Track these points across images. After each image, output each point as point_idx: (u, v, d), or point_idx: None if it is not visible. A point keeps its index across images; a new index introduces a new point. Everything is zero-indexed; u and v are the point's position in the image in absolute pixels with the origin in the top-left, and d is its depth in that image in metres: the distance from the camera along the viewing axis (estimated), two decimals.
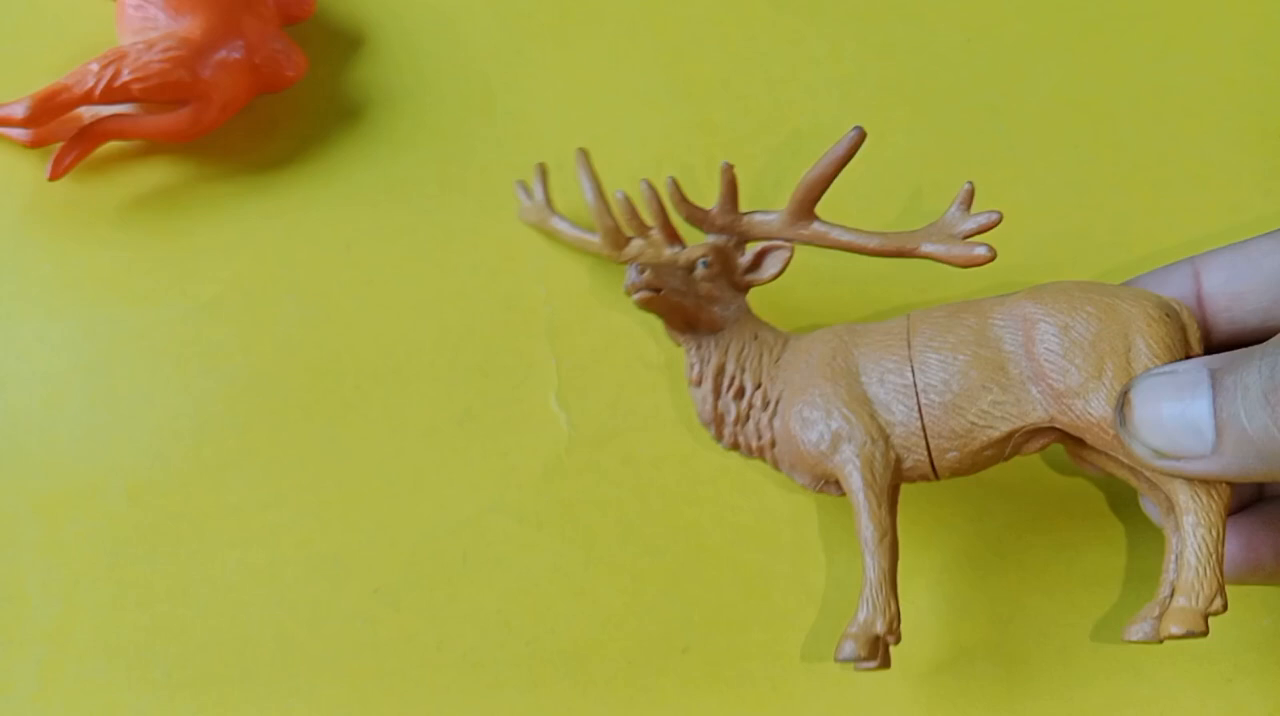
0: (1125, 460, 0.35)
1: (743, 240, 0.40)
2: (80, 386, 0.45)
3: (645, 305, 0.37)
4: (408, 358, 0.46)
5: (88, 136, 0.47)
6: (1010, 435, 0.35)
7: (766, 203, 0.46)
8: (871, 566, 0.35)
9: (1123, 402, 0.33)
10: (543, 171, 0.46)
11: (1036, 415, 0.35)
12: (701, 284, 0.38)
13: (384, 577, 0.42)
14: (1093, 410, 0.34)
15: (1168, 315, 0.35)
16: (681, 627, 0.42)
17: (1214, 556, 0.33)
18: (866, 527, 0.35)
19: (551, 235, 0.45)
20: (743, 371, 0.38)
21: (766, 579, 0.42)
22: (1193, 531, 0.33)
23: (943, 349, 0.36)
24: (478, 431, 0.44)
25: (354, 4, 0.53)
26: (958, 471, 0.36)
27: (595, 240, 0.42)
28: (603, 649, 0.42)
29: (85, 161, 0.48)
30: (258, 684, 0.41)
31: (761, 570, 0.42)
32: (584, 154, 0.42)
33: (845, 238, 0.38)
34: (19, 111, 0.45)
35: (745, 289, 0.40)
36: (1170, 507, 0.36)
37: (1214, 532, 0.33)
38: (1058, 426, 0.35)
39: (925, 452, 0.36)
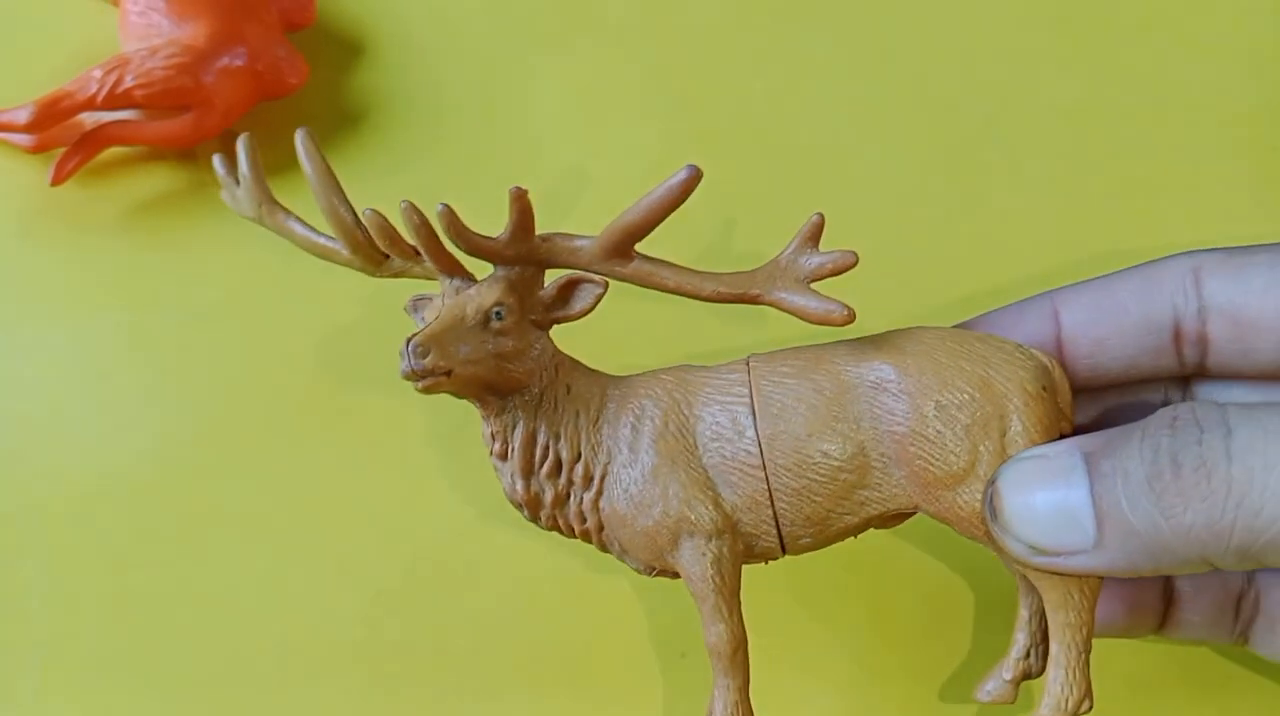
0: (996, 555, 0.32)
1: (542, 269, 0.33)
2: (82, 391, 0.45)
3: (431, 391, 0.31)
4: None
5: (90, 142, 0.47)
6: (870, 520, 0.33)
7: (771, 216, 0.45)
8: (725, 686, 0.32)
9: (990, 493, 0.30)
10: (249, 144, 0.35)
11: (901, 502, 0.32)
12: (498, 340, 0.31)
13: (385, 582, 0.43)
14: (963, 502, 0.31)
15: (1044, 388, 0.31)
16: (680, 633, 0.42)
17: (1084, 655, 0.31)
18: (720, 640, 0.32)
19: (280, 235, 0.35)
20: (557, 440, 0.32)
21: (762, 583, 0.43)
22: (1063, 630, 0.31)
23: (795, 422, 0.32)
24: (477, 437, 0.45)
25: (355, 11, 0.53)
26: (807, 551, 0.33)
27: (342, 252, 0.34)
28: (602, 653, 0.42)
29: (87, 166, 0.48)
30: (260, 688, 0.41)
31: (756, 572, 0.43)
32: (306, 133, 0.33)
33: (674, 280, 0.32)
34: (22, 117, 0.46)
35: (548, 327, 0.33)
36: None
37: (1085, 631, 0.31)
38: (923, 512, 0.32)
39: (776, 538, 0.33)
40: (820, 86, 0.52)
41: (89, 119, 0.48)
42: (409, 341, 0.30)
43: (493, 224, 0.49)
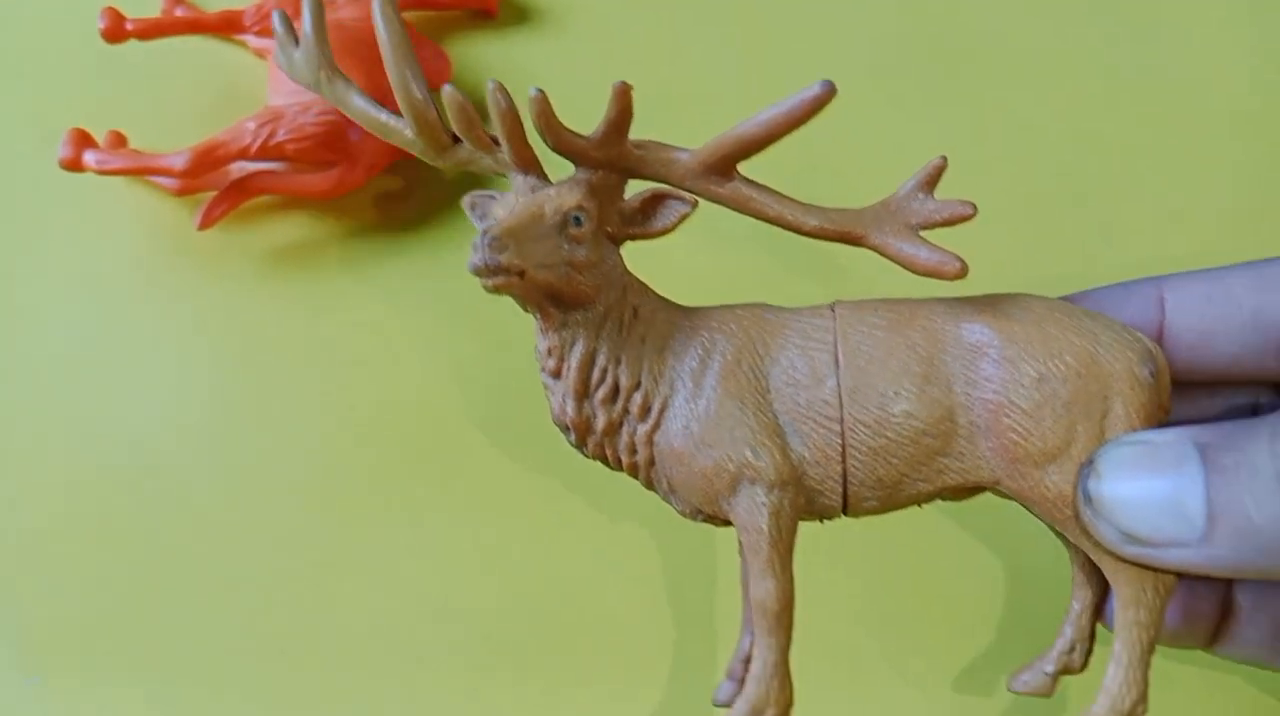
0: (1073, 540, 0.30)
1: (626, 178, 0.30)
2: (213, 434, 0.47)
3: (499, 291, 0.28)
4: (526, 419, 0.47)
5: (239, 190, 0.49)
6: (943, 489, 0.30)
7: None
8: (766, 646, 0.30)
9: (1088, 475, 0.28)
10: (314, 3, 0.31)
11: (981, 474, 0.30)
12: (573, 248, 0.29)
13: (497, 628, 0.44)
14: (1050, 482, 0.29)
15: (1152, 375, 0.29)
16: None
17: (1147, 656, 0.29)
18: (769, 596, 0.30)
19: (344, 110, 0.32)
20: (617, 364, 0.30)
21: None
22: (1130, 628, 0.29)
23: (881, 377, 0.29)
24: (587, 489, 0.46)
25: (487, 74, 0.55)
26: (869, 514, 0.31)
27: (404, 132, 0.31)
28: None
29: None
30: None
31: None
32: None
33: (774, 208, 0.29)
34: (179, 163, 0.47)
35: (621, 241, 0.31)
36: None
37: (1151, 631, 0.29)
38: (1002, 488, 0.30)
39: (840, 497, 0.30)
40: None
41: (236, 168, 0.50)
42: (485, 233, 0.28)
43: None
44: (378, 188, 0.51)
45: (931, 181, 0.30)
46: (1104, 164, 0.53)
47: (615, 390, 0.30)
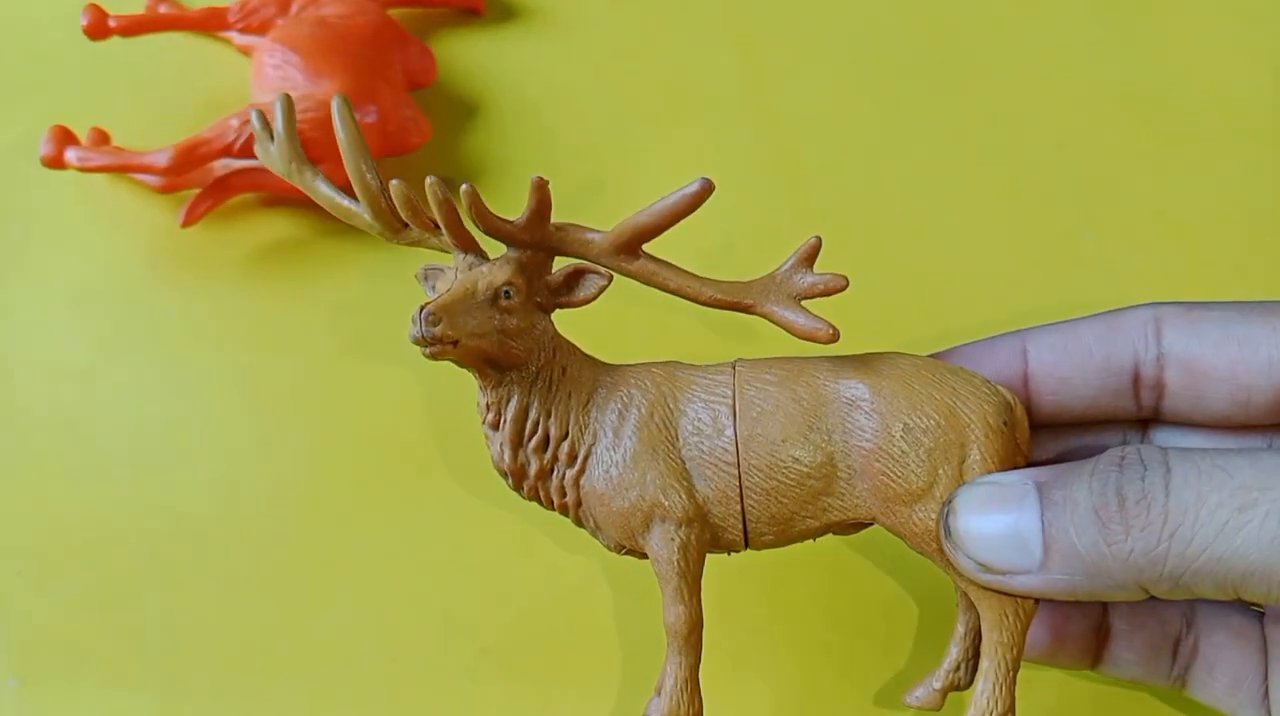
0: (943, 570, 0.34)
1: (552, 255, 0.35)
2: (201, 432, 0.46)
3: (437, 358, 0.32)
4: None
5: (222, 188, 0.49)
6: (830, 525, 0.35)
7: (867, 301, 0.47)
8: (677, 663, 0.34)
9: (947, 512, 0.32)
10: (286, 103, 0.36)
11: (860, 512, 0.34)
12: (504, 317, 0.33)
13: (491, 638, 0.43)
14: (917, 519, 0.33)
15: (1005, 424, 0.33)
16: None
17: (1011, 673, 0.33)
18: (677, 619, 0.34)
19: (307, 192, 0.36)
20: (548, 417, 0.34)
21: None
22: (996, 648, 0.33)
23: (771, 427, 0.33)
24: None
25: (472, 74, 0.55)
26: (769, 547, 0.35)
27: (363, 215, 0.35)
28: None
29: (213, 211, 0.49)
30: None
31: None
32: (342, 100, 0.34)
33: (675, 282, 0.34)
34: (162, 160, 0.47)
35: (551, 310, 0.35)
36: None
37: (1015, 651, 0.33)
38: (879, 524, 0.34)
39: (741, 533, 0.34)
40: (920, 168, 0.54)
41: (219, 165, 0.49)
42: (422, 309, 0.32)
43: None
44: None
45: (809, 258, 0.34)
46: (1097, 173, 0.53)
47: (546, 440, 0.34)
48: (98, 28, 0.49)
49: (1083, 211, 0.52)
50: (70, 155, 0.47)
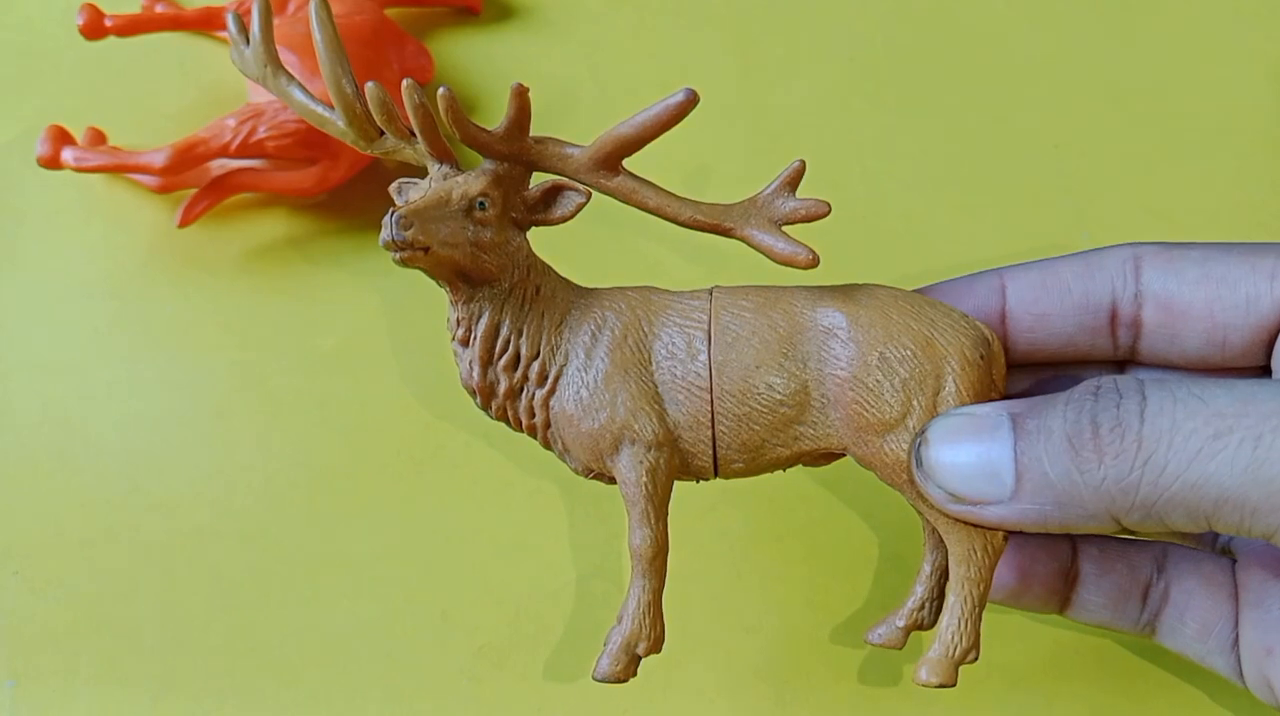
0: (911, 502, 0.34)
1: (529, 169, 0.34)
2: (195, 429, 0.46)
3: (407, 264, 0.32)
4: None
5: (219, 187, 0.48)
6: (800, 455, 0.34)
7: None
8: (640, 587, 0.33)
9: (919, 442, 0.32)
10: (263, 6, 0.35)
11: (831, 441, 0.34)
12: (478, 229, 0.32)
13: (488, 637, 0.43)
14: (889, 450, 0.33)
15: (982, 357, 0.33)
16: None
17: (977, 610, 0.33)
18: (643, 542, 0.33)
19: (285, 102, 0.35)
20: (519, 336, 0.33)
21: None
22: (962, 583, 0.33)
23: (746, 353, 0.33)
24: (579, 497, 0.46)
25: (470, 73, 0.55)
26: (738, 476, 0.35)
27: (336, 123, 0.34)
28: None
29: (210, 211, 0.49)
30: None
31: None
32: (320, 2, 0.33)
33: (654, 200, 0.33)
34: (158, 160, 0.47)
35: (527, 227, 0.34)
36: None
37: (982, 587, 0.33)
38: (850, 454, 0.34)
39: (711, 459, 0.34)
40: (899, 147, 0.54)
41: (216, 165, 0.49)
42: (393, 212, 0.31)
43: (602, 283, 0.51)
44: (358, 185, 0.51)
45: (793, 182, 0.33)
46: (1093, 172, 0.53)
47: (516, 359, 0.34)
48: (94, 27, 0.49)
49: (1079, 211, 0.52)
50: (67, 155, 0.47)
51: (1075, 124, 0.54)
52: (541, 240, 0.35)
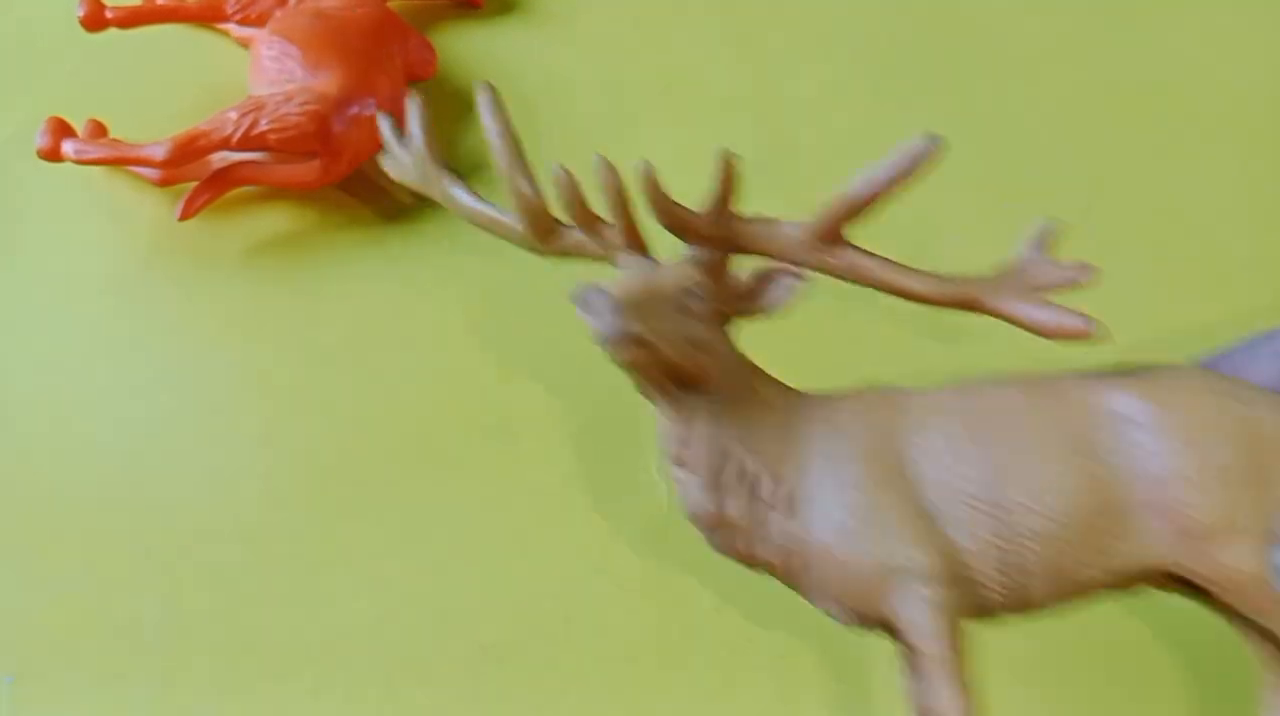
0: (1273, 627, 0.29)
1: (733, 253, 0.29)
2: (198, 425, 0.46)
3: (629, 362, 0.27)
4: (516, 416, 0.47)
5: (220, 180, 0.48)
6: (1114, 577, 0.29)
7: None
8: None
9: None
10: (419, 107, 0.31)
11: (1151, 555, 0.28)
12: (691, 324, 0.28)
13: (491, 635, 0.43)
14: (1233, 561, 0.27)
15: None
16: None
17: None
18: (951, 707, 0.28)
19: (443, 204, 0.33)
20: (751, 454, 0.28)
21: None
22: None
23: (1029, 453, 0.28)
24: (580, 493, 0.46)
25: (472, 66, 0.55)
26: (1040, 608, 0.30)
27: (508, 223, 0.30)
28: None
29: (211, 204, 0.49)
30: None
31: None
32: (489, 88, 0.29)
33: (887, 275, 0.29)
34: (159, 153, 0.47)
35: (729, 319, 0.30)
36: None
37: None
38: (1179, 573, 0.29)
39: (1002, 587, 0.29)
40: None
41: (217, 158, 0.49)
42: (600, 293, 0.27)
43: (602, 278, 0.50)
44: (360, 179, 0.51)
45: (1047, 244, 0.30)
46: (1095, 169, 0.53)
47: (744, 476, 0.29)
48: (95, 19, 0.49)
49: (1077, 211, 0.51)
50: (67, 147, 0.47)
51: (1086, 114, 0.54)
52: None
